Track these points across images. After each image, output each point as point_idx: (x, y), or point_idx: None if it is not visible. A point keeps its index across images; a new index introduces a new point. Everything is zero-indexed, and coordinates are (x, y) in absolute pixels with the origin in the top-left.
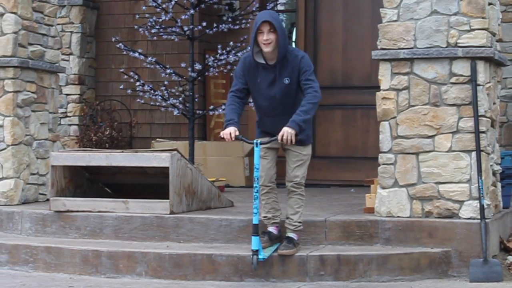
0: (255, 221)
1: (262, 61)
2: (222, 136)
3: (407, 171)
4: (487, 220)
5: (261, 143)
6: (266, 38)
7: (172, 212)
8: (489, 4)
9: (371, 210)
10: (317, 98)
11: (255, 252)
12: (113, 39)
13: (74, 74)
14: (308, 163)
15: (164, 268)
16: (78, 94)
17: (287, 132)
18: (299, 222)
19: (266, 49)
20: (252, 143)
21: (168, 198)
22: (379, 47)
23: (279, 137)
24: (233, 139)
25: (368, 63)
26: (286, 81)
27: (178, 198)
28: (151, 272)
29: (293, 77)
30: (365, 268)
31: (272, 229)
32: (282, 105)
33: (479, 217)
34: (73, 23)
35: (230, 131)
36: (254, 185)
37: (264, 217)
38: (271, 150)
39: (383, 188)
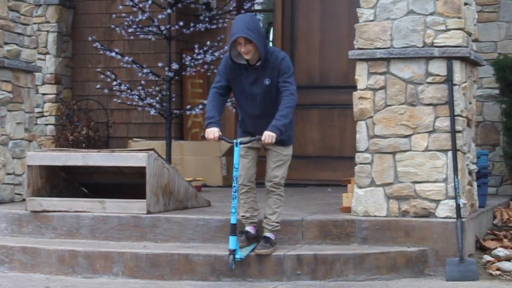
0: (233, 221)
1: (244, 62)
2: (206, 136)
3: (383, 170)
4: (463, 219)
5: (241, 143)
6: (244, 50)
7: (149, 212)
8: (465, 4)
9: (348, 210)
10: (294, 102)
11: (232, 252)
12: (90, 39)
13: (51, 73)
14: (289, 163)
15: (141, 268)
16: (55, 94)
17: (269, 135)
18: (277, 222)
19: (247, 57)
20: (233, 143)
21: (145, 198)
22: (355, 46)
23: (262, 138)
24: (217, 139)
25: (345, 62)
26: (266, 81)
27: (155, 198)
28: (128, 272)
29: (273, 78)
30: (342, 267)
31: (249, 228)
32: (262, 105)
33: (455, 216)
34: (49, 22)
35: (214, 132)
36: (233, 184)
37: (242, 216)
38: (252, 149)
39: (360, 187)
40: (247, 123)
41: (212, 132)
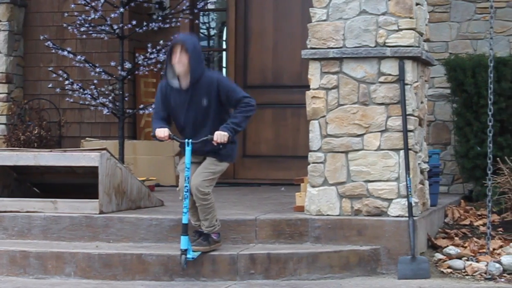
0: (184, 221)
1: (177, 86)
2: (156, 135)
3: (336, 169)
4: (415, 218)
5: (192, 143)
6: (178, 60)
7: (101, 212)
8: (417, 4)
9: (301, 209)
10: (251, 112)
11: (184, 252)
12: (42, 37)
13: (2, 72)
14: (216, 179)
15: (94, 268)
16: (6, 93)
17: (221, 135)
18: (212, 226)
19: (178, 70)
20: (184, 142)
21: (97, 198)
22: (308, 46)
23: (214, 138)
24: (167, 138)
25: (298, 62)
26: (204, 102)
27: (108, 197)
28: (80, 273)
29: (211, 99)
30: (295, 266)
31: (202, 229)
32: (203, 128)
33: (407, 215)
34: (0, 21)
35: (164, 130)
36: (185, 184)
37: (194, 224)
38: (194, 164)
39: (313, 186)
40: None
41: (163, 131)
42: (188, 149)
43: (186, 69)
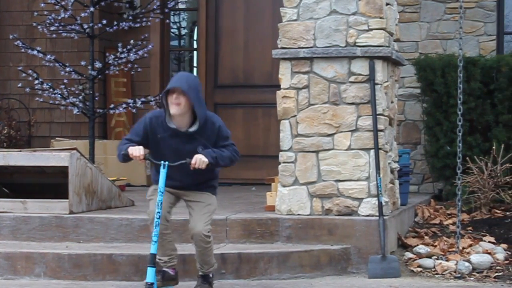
0: (152, 250)
1: (173, 126)
2: (130, 154)
3: (307, 169)
4: (385, 217)
5: (169, 165)
6: (175, 101)
7: (71, 212)
8: (387, 4)
9: (272, 208)
10: (235, 158)
11: (150, 286)
12: (11, 37)
13: None
14: (214, 214)
15: (64, 268)
16: None
17: (200, 159)
18: (211, 266)
19: (173, 110)
20: (160, 164)
21: (67, 198)
22: (279, 46)
23: (192, 162)
24: (142, 157)
25: (269, 62)
26: (199, 150)
27: (78, 197)
28: (50, 273)
29: (208, 146)
30: (266, 266)
31: (168, 269)
32: (188, 176)
33: (377, 214)
34: None
35: (140, 149)
36: (157, 210)
37: (160, 259)
38: (167, 193)
39: (284, 186)
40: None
41: (138, 149)
42: (163, 172)
43: (184, 113)
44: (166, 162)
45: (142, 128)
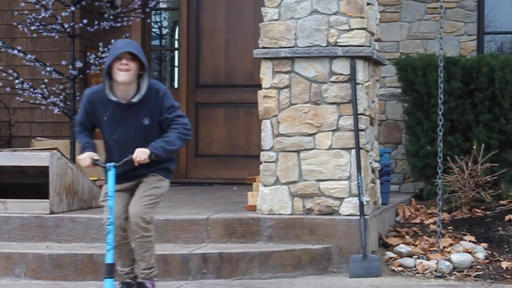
0: (109, 260)
1: (114, 98)
2: (77, 165)
3: (288, 169)
4: (366, 217)
5: (115, 166)
6: (125, 67)
7: (52, 212)
8: (368, 4)
9: (253, 208)
10: (187, 136)
11: None
12: None
13: None
14: (159, 201)
15: (44, 269)
16: None
17: (140, 152)
18: (149, 269)
19: (122, 77)
20: (105, 167)
21: (48, 198)
22: (260, 46)
23: (133, 156)
24: (91, 165)
25: (250, 61)
26: (146, 121)
27: (59, 197)
28: (31, 273)
29: (154, 117)
30: (247, 265)
31: (131, 280)
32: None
33: (358, 213)
34: None
35: (85, 159)
36: (108, 216)
37: (121, 271)
38: (124, 192)
39: (265, 186)
40: (118, 169)
41: (83, 159)
42: (111, 174)
43: (132, 81)
44: (112, 164)
45: (83, 112)
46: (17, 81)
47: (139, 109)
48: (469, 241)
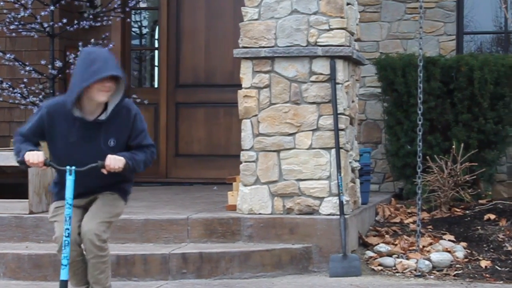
0: (63, 276)
1: (79, 115)
2: (26, 161)
3: (268, 168)
4: (346, 216)
5: (76, 171)
6: (107, 89)
7: (31, 212)
8: (348, 4)
9: (233, 208)
10: (149, 162)
11: None
12: None
13: None
14: (114, 222)
15: (23, 269)
16: None
17: (114, 159)
18: None
19: (103, 98)
20: (65, 170)
21: (27, 198)
22: (240, 45)
23: (106, 162)
24: (42, 165)
25: (230, 61)
26: (111, 143)
27: (38, 197)
28: (10, 274)
29: (121, 138)
30: (227, 265)
31: None
32: (97, 177)
33: (338, 213)
34: None
35: (38, 155)
36: (65, 226)
37: None
38: (76, 209)
39: (245, 185)
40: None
41: (36, 155)
42: (70, 179)
43: (108, 98)
44: (73, 168)
45: (36, 122)
46: None
47: (105, 128)
48: (449, 240)
